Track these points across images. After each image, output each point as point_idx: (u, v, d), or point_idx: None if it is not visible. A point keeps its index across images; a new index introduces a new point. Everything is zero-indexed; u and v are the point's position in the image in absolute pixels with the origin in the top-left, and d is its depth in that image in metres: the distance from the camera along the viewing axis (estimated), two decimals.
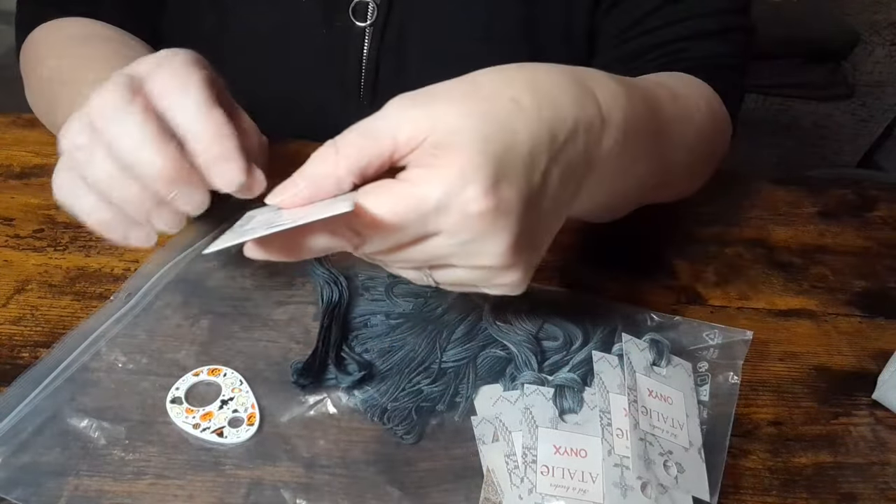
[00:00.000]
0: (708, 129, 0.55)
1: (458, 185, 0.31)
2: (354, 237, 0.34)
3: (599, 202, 0.46)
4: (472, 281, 0.36)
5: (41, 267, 0.52)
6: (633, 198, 0.51)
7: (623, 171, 0.42)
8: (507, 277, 0.36)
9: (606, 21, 0.62)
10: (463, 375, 0.45)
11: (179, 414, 0.42)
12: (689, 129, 0.51)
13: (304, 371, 0.44)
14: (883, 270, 0.60)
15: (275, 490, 0.39)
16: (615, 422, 0.41)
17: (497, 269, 0.35)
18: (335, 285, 0.49)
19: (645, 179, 0.47)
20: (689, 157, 0.53)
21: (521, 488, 0.39)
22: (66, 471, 0.39)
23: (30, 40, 0.62)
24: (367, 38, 0.63)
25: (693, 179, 0.59)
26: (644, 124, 0.42)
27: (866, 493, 0.43)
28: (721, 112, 0.59)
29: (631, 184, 0.46)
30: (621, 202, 0.51)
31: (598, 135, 0.37)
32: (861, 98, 1.81)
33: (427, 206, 0.32)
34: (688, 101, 0.53)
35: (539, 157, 0.34)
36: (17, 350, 0.46)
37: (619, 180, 0.43)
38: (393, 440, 0.42)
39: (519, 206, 0.33)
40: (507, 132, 0.33)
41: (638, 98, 0.41)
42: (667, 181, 0.53)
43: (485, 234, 0.33)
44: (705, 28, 0.60)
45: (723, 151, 0.62)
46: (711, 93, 0.58)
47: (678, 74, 0.58)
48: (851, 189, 0.70)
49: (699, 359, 0.48)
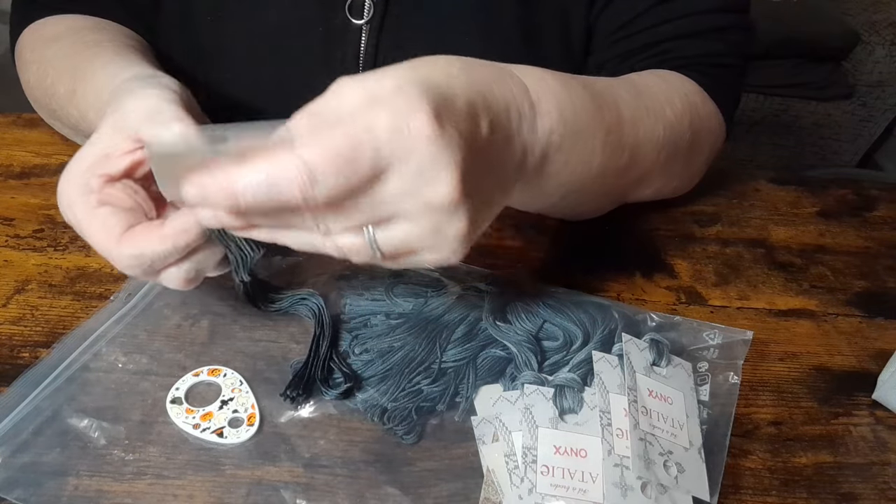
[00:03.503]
0: (684, 125, 0.55)
1: (406, 111, 0.32)
2: (303, 176, 0.32)
3: (556, 194, 0.47)
4: (418, 238, 0.35)
5: (41, 267, 0.52)
6: (595, 192, 0.52)
7: (575, 163, 0.44)
8: (453, 227, 0.35)
9: (601, 20, 0.62)
10: (463, 375, 0.45)
11: (179, 414, 0.42)
12: (656, 124, 0.52)
13: (293, 384, 0.44)
14: (883, 270, 0.60)
15: (275, 490, 0.39)
16: (615, 422, 0.41)
17: (444, 212, 0.34)
18: (317, 313, 0.49)
19: (605, 173, 0.48)
20: (660, 152, 0.53)
21: (521, 488, 0.39)
22: (66, 471, 0.39)
23: (19, 42, 0.63)
24: (364, 35, 0.63)
25: (671, 177, 0.59)
26: (589, 116, 0.44)
27: (866, 493, 0.43)
28: (706, 109, 0.59)
29: (588, 177, 0.47)
30: (585, 197, 0.52)
31: (531, 120, 0.40)
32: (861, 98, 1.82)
33: (379, 128, 0.32)
34: (657, 98, 0.53)
35: (476, 115, 0.36)
36: (17, 350, 0.46)
37: (572, 172, 0.45)
38: (393, 440, 0.42)
39: (462, 142, 0.34)
40: (445, 87, 0.35)
41: (578, 92, 0.44)
42: (637, 177, 0.54)
43: (435, 158, 0.33)
44: (700, 26, 0.60)
45: (711, 149, 0.62)
46: (695, 89, 0.58)
47: (658, 72, 0.58)
48: (851, 189, 0.70)
49: (699, 359, 0.48)
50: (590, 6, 0.62)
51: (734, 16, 0.61)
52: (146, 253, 0.39)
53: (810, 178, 0.72)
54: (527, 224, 0.61)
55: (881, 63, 1.76)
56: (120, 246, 0.39)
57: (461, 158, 0.34)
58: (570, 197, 0.50)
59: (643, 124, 0.51)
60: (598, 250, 0.59)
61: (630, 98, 0.51)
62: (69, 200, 0.40)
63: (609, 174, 0.49)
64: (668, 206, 0.65)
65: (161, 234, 0.39)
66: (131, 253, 0.39)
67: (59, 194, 0.41)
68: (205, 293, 0.50)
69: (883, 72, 1.77)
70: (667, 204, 0.65)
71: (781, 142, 1.86)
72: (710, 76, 0.59)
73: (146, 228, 0.39)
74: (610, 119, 0.47)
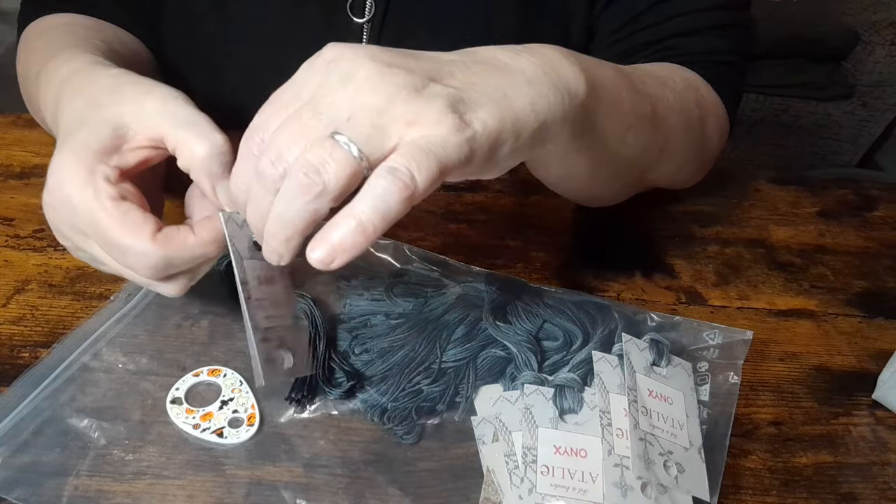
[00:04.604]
0: (689, 98, 0.55)
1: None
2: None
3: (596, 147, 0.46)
4: (376, 105, 0.32)
5: (41, 267, 0.52)
6: (626, 160, 0.51)
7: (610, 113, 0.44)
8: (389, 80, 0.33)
9: (602, 19, 0.62)
10: (463, 375, 0.45)
11: (179, 414, 0.42)
12: (664, 90, 0.52)
13: (297, 386, 0.44)
14: (883, 270, 0.60)
15: (275, 490, 0.39)
16: (615, 422, 0.41)
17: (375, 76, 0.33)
18: (309, 314, 0.48)
19: (636, 129, 0.48)
20: (676, 116, 0.53)
21: (521, 488, 0.39)
22: (66, 471, 0.39)
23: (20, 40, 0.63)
24: (366, 33, 0.63)
25: (688, 153, 0.59)
26: (612, 75, 0.44)
27: (866, 493, 0.43)
28: (710, 95, 0.59)
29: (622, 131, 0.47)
30: (616, 166, 0.51)
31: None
32: (861, 98, 1.81)
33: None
34: (658, 72, 0.54)
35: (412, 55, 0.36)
36: (17, 350, 0.46)
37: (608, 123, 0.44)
38: (393, 440, 0.42)
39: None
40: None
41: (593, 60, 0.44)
42: (660, 146, 0.54)
43: (345, 52, 0.34)
44: (701, 24, 0.60)
45: (720, 136, 0.61)
46: (697, 78, 0.58)
47: (660, 64, 0.58)
48: (851, 189, 0.70)
49: (699, 359, 0.48)
50: (590, 6, 0.62)
51: (735, 13, 0.62)
52: (179, 257, 0.38)
53: (810, 178, 0.72)
54: (527, 224, 0.61)
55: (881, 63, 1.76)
56: (153, 245, 0.37)
57: (376, 50, 0.34)
58: (605, 163, 0.49)
59: (654, 88, 0.51)
60: (598, 250, 0.59)
61: (631, 69, 0.51)
62: (73, 182, 0.37)
63: (639, 130, 0.49)
64: (668, 206, 0.65)
65: (198, 240, 0.38)
66: (164, 255, 0.37)
67: (56, 174, 0.38)
68: (205, 293, 0.50)
69: (883, 72, 1.77)
70: (667, 204, 0.65)
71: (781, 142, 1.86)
72: (711, 73, 0.59)
73: (179, 233, 0.38)
74: (626, 80, 0.47)
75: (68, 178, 0.37)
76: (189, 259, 0.38)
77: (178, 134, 0.39)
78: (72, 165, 0.38)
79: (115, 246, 0.37)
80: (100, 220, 0.37)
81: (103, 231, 0.37)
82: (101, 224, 0.37)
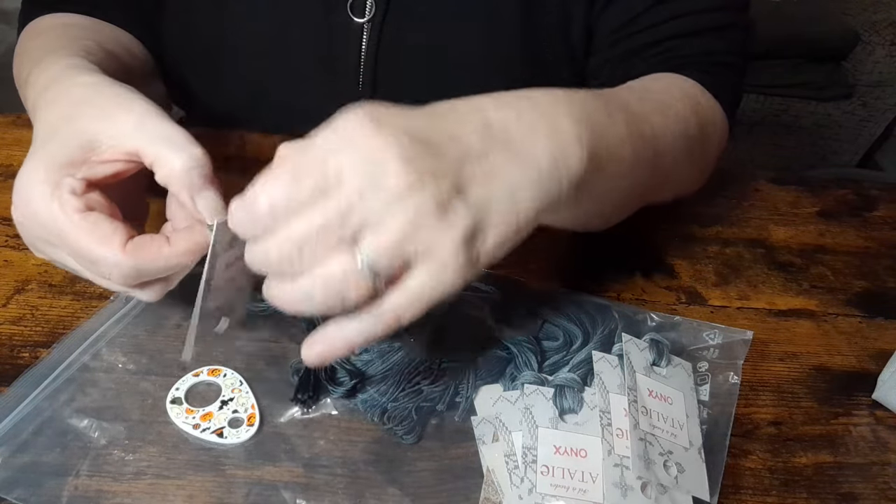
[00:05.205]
0: (688, 112, 0.54)
1: (342, 121, 0.33)
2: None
3: (604, 196, 0.46)
4: (402, 228, 0.32)
5: (41, 267, 0.52)
6: (630, 192, 0.50)
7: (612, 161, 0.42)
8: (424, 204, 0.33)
9: (601, 20, 0.62)
10: (463, 375, 0.45)
11: (179, 414, 0.42)
12: (666, 117, 0.51)
13: (301, 387, 0.44)
14: (883, 270, 0.60)
15: (275, 490, 0.39)
16: (615, 422, 0.41)
17: (405, 190, 0.32)
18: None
19: (638, 166, 0.47)
20: (676, 141, 0.52)
21: (521, 488, 0.39)
22: (66, 471, 0.39)
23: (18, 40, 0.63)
24: (366, 33, 0.63)
25: (691, 167, 0.58)
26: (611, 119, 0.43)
27: (866, 493, 0.43)
28: (707, 101, 0.58)
29: (624, 173, 0.45)
30: (623, 199, 0.50)
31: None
32: (861, 98, 1.81)
33: (315, 142, 0.33)
34: (655, 91, 0.53)
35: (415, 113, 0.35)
36: (17, 350, 0.46)
37: (614, 173, 0.43)
38: (393, 440, 0.42)
39: (398, 118, 0.34)
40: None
41: (595, 103, 0.42)
42: (662, 175, 0.53)
43: (373, 143, 0.32)
44: (700, 25, 0.59)
45: (719, 140, 0.61)
46: (691, 83, 0.58)
47: (656, 75, 0.58)
48: (851, 189, 0.70)
49: (699, 359, 0.48)
50: (590, 6, 0.62)
51: (734, 14, 0.61)
52: (152, 267, 0.38)
53: (810, 178, 0.72)
54: None
55: (881, 63, 1.76)
56: (123, 256, 0.37)
57: (400, 131, 0.33)
58: (612, 200, 0.48)
59: (657, 121, 0.49)
60: (598, 250, 0.59)
61: (629, 93, 0.50)
62: (40, 197, 0.38)
63: (638, 178, 0.48)
64: (669, 205, 0.65)
65: (174, 251, 0.38)
66: (135, 265, 0.38)
67: (22, 190, 0.38)
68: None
69: (883, 72, 1.77)
70: (667, 204, 0.65)
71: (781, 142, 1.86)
72: (710, 74, 0.59)
73: (153, 242, 0.38)
74: (631, 127, 0.45)
75: (35, 193, 0.38)
76: (163, 269, 0.39)
77: (155, 150, 0.38)
78: (38, 180, 0.38)
79: (85, 257, 0.38)
80: (68, 232, 0.37)
81: (72, 243, 0.38)
82: (69, 236, 0.38)
